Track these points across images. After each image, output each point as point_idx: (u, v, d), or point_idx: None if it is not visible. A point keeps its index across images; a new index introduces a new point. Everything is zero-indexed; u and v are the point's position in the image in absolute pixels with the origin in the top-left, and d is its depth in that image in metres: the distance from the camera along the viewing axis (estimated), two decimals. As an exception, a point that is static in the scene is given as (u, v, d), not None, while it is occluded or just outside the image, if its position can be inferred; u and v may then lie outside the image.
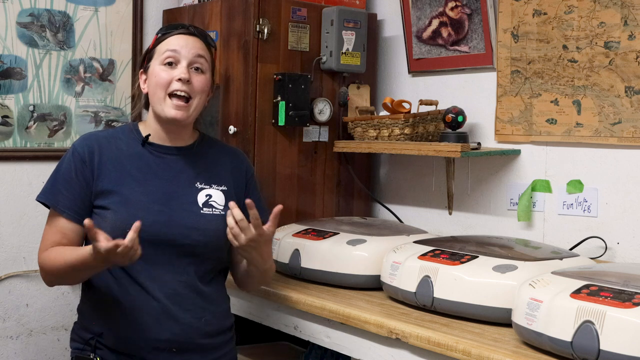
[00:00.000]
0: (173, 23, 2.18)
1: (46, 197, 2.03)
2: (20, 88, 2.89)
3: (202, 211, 2.04)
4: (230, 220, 1.94)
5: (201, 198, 2.06)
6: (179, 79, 1.99)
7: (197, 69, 2.03)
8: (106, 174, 2.00)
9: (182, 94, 2.00)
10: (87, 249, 1.86)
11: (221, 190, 2.10)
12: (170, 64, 2.01)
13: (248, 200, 1.91)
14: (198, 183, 2.08)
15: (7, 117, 2.87)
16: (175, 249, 2.00)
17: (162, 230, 1.98)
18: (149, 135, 2.07)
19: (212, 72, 2.10)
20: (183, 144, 2.10)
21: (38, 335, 2.96)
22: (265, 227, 1.95)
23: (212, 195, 2.08)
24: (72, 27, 2.99)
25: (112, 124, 3.08)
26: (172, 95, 2.00)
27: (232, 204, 1.94)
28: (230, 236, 1.96)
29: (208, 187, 2.09)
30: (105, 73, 3.08)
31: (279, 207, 1.96)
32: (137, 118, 2.26)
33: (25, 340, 2.94)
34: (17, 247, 2.91)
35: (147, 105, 2.13)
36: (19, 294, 2.92)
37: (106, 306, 2.00)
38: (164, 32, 2.07)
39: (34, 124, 2.92)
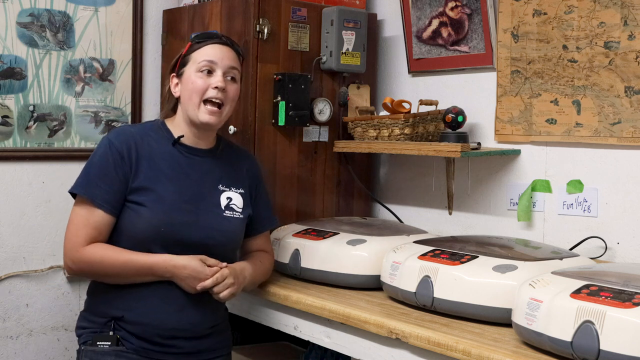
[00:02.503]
0: (207, 31, 2.26)
1: (84, 190, 2.06)
2: (20, 88, 2.89)
3: (224, 214, 2.16)
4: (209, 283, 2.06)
5: (223, 201, 2.18)
6: (216, 87, 2.10)
7: (232, 78, 2.14)
8: (142, 170, 2.08)
9: (217, 101, 2.11)
10: (161, 258, 2.02)
11: (239, 193, 2.22)
12: (207, 72, 2.11)
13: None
14: (221, 185, 2.19)
15: (7, 117, 2.87)
16: (198, 248, 2.09)
17: (190, 230, 2.08)
18: (182, 136, 2.16)
19: (241, 82, 2.22)
20: (208, 146, 2.21)
21: (38, 335, 2.96)
22: (223, 269, 2.09)
23: (233, 198, 2.20)
24: (72, 27, 2.99)
25: (112, 124, 3.08)
26: (206, 101, 2.11)
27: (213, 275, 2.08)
28: (224, 294, 2.08)
29: (229, 189, 2.20)
30: (105, 73, 3.08)
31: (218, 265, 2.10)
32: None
33: (25, 340, 2.94)
34: (17, 247, 2.91)
35: (174, 108, 2.21)
36: (19, 294, 2.92)
37: (131, 293, 2.07)
38: (199, 40, 2.16)
39: (34, 124, 2.92)
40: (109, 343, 2.05)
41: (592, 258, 2.29)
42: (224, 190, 2.19)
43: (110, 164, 2.06)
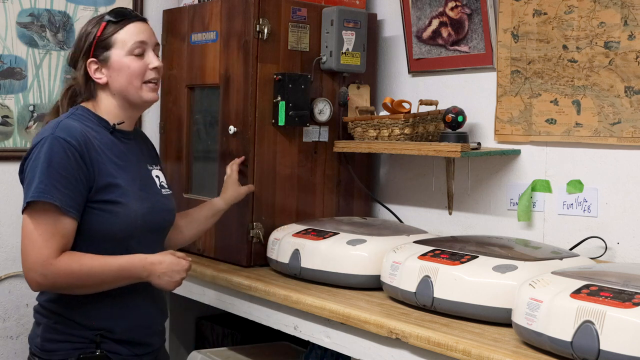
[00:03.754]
0: (117, 9, 2.09)
1: (50, 197, 1.84)
2: (20, 88, 2.89)
3: (163, 192, 2.12)
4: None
5: (156, 180, 2.13)
6: (155, 68, 2.04)
7: (157, 55, 2.09)
8: (100, 166, 1.93)
9: (155, 80, 2.06)
10: (137, 258, 1.93)
11: (160, 170, 2.18)
12: (139, 54, 2.03)
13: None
14: (148, 165, 2.14)
15: (7, 117, 2.87)
16: (159, 233, 2.09)
17: (154, 217, 2.04)
18: (122, 122, 2.05)
19: None
20: (132, 129, 2.13)
21: (38, 335, 2.96)
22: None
23: (160, 176, 2.16)
24: (72, 27, 3.00)
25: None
26: (146, 81, 2.04)
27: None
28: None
29: (153, 168, 2.15)
30: (105, 73, 3.07)
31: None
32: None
33: (25, 340, 2.93)
34: (17, 247, 2.89)
35: (93, 94, 2.06)
36: (19, 294, 2.92)
37: (115, 300, 1.97)
38: (117, 20, 2.03)
39: (34, 124, 2.92)
40: None
41: (592, 258, 2.29)
42: (152, 170, 2.12)
43: (73, 165, 1.87)
